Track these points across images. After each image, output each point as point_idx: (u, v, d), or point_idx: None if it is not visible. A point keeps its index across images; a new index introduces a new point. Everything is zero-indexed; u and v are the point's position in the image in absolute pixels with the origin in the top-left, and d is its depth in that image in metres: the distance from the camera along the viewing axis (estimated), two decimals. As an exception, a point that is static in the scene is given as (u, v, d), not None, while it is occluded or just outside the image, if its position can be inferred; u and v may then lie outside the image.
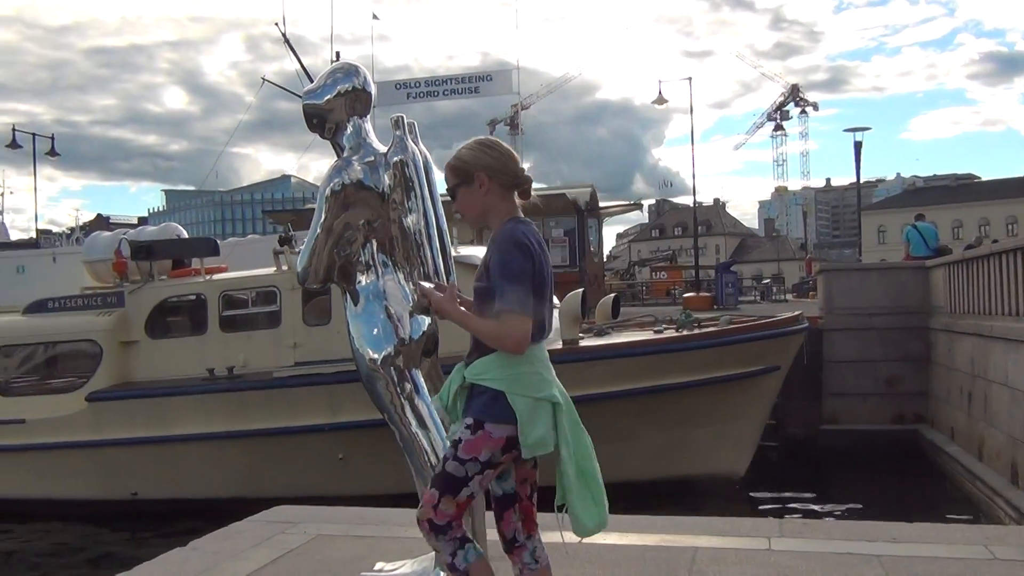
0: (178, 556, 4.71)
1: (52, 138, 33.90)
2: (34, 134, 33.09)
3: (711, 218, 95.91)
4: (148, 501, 10.29)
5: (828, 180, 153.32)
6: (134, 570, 4.50)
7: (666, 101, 30.60)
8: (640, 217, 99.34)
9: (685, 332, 10.53)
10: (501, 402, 2.68)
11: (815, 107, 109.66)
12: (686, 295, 26.97)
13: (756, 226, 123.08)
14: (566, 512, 2.88)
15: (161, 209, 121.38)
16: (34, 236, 35.58)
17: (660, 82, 30.13)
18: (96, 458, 10.46)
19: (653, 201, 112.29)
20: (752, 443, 10.49)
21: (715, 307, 22.99)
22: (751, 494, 10.70)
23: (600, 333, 10.98)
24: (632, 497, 8.61)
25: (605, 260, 34.42)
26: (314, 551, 4.65)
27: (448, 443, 2.85)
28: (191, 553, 4.76)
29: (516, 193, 2.80)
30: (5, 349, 11.17)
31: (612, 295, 12.68)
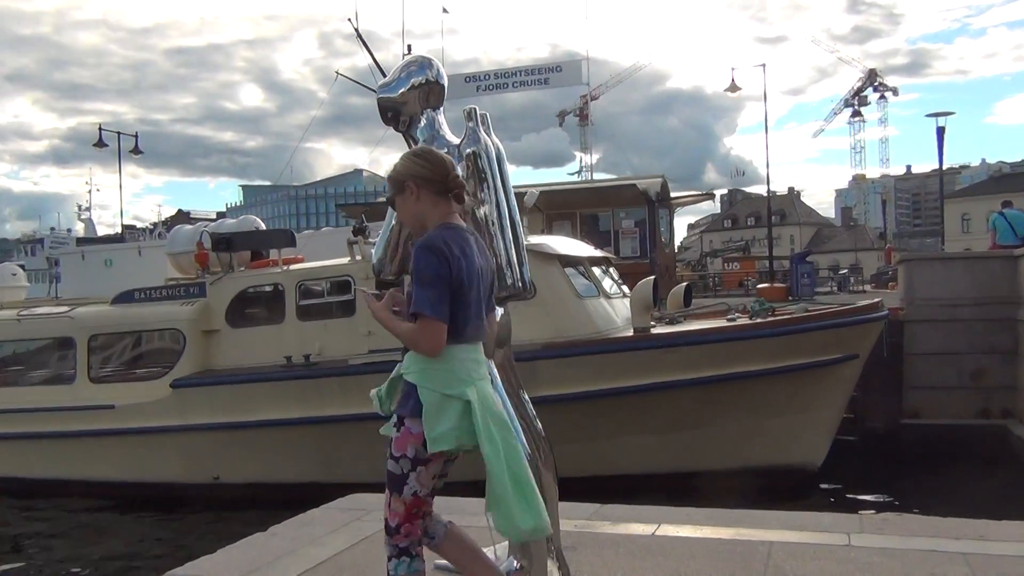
0: (258, 541, 4.84)
1: (136, 136, 35.04)
2: (119, 133, 34.21)
3: (785, 207, 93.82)
4: (229, 485, 10.59)
5: (908, 167, 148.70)
6: (217, 553, 4.65)
7: (739, 89, 29.98)
8: (712, 207, 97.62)
9: (759, 320, 10.38)
10: (414, 397, 2.79)
11: (895, 92, 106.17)
12: (760, 286, 26.46)
13: (832, 215, 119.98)
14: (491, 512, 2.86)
15: (238, 204, 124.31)
16: (120, 231, 36.90)
17: (733, 69, 29.55)
18: (180, 443, 10.81)
19: (725, 191, 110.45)
20: (829, 433, 10.27)
21: (790, 298, 22.53)
22: (828, 488, 10.47)
23: (672, 321, 10.90)
24: (706, 488, 8.55)
25: (676, 251, 34.01)
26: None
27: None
28: (270, 538, 4.89)
29: (452, 198, 2.90)
30: (95, 338, 11.60)
31: (684, 284, 12.57)
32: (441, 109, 3.90)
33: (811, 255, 38.82)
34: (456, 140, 3.74)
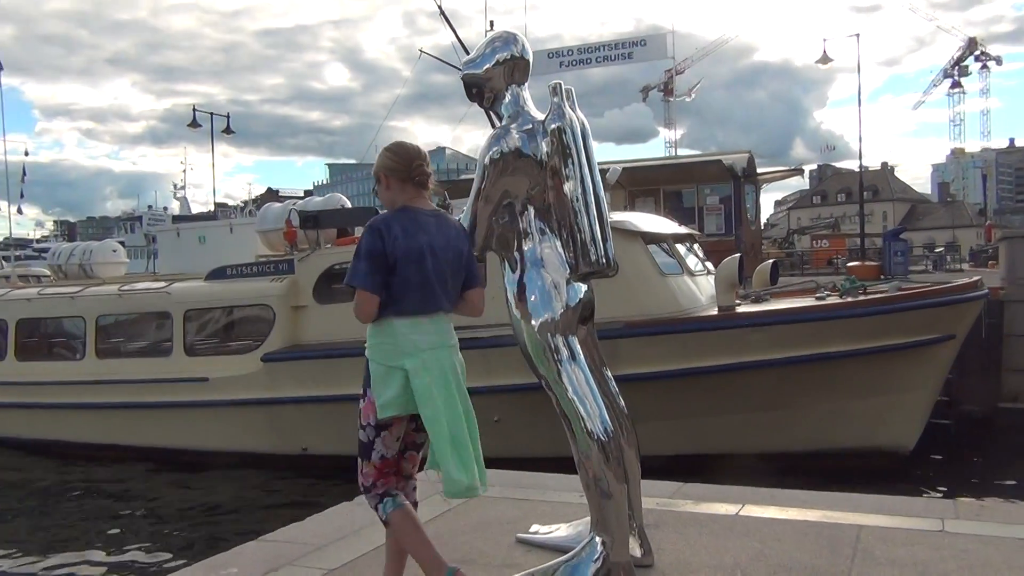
0: (344, 510, 4.96)
1: (227, 117, 35.99)
2: (211, 113, 35.19)
3: (878, 183, 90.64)
4: (317, 456, 10.88)
5: (1011, 140, 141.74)
6: (305, 521, 4.79)
7: (831, 60, 29.00)
8: (800, 183, 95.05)
9: (849, 299, 10.07)
10: (368, 370, 3.24)
11: (998, 61, 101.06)
12: (850, 264, 25.74)
13: (929, 191, 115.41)
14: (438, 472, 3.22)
15: (325, 182, 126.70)
16: (212, 209, 38.06)
17: (824, 40, 28.59)
18: (270, 415, 11.16)
19: (815, 166, 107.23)
20: (922, 417, 9.94)
21: (882, 277, 21.83)
22: (921, 473, 10.15)
23: (758, 300, 10.68)
24: (792, 469, 8.41)
25: (762, 228, 33.27)
26: (472, 511, 4.78)
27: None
28: (356, 508, 5.00)
29: (415, 184, 3.31)
30: (190, 313, 12.03)
31: (770, 261, 12.30)
32: (526, 85, 3.88)
33: (905, 232, 37.48)
34: (540, 116, 3.72)
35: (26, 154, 66.39)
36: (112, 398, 12.05)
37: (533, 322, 3.56)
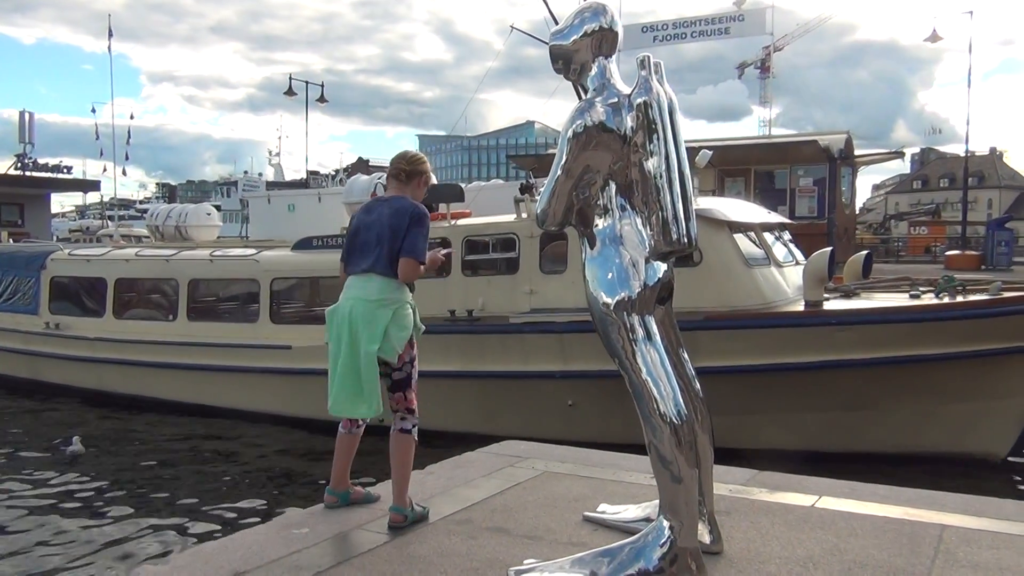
0: (416, 478, 4.99)
1: (322, 86, 36.65)
2: (307, 82, 35.89)
3: (984, 169, 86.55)
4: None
5: None
6: (377, 486, 4.87)
7: (940, 39, 27.75)
8: (901, 167, 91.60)
9: (946, 299, 9.59)
10: None
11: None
12: (949, 253, 24.73)
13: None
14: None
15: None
16: (305, 176, 38.92)
17: (934, 17, 27.36)
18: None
19: (917, 149, 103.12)
20: (1018, 423, 9.44)
21: (983, 268, 20.91)
22: (1015, 479, 9.70)
23: (848, 295, 10.29)
24: (875, 467, 8.13)
25: (857, 212, 32.19)
26: (540, 486, 4.78)
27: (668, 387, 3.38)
28: (427, 476, 5.07)
29: (393, 178, 4.50)
30: (276, 282, 12.32)
31: (864, 252, 11.81)
32: (614, 57, 3.79)
33: (1011, 221, 35.74)
34: (627, 89, 3.63)
35: (132, 118, 69.04)
36: (201, 360, 12.46)
37: (609, 300, 3.49)
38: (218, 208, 24.96)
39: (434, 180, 13.69)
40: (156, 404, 12.88)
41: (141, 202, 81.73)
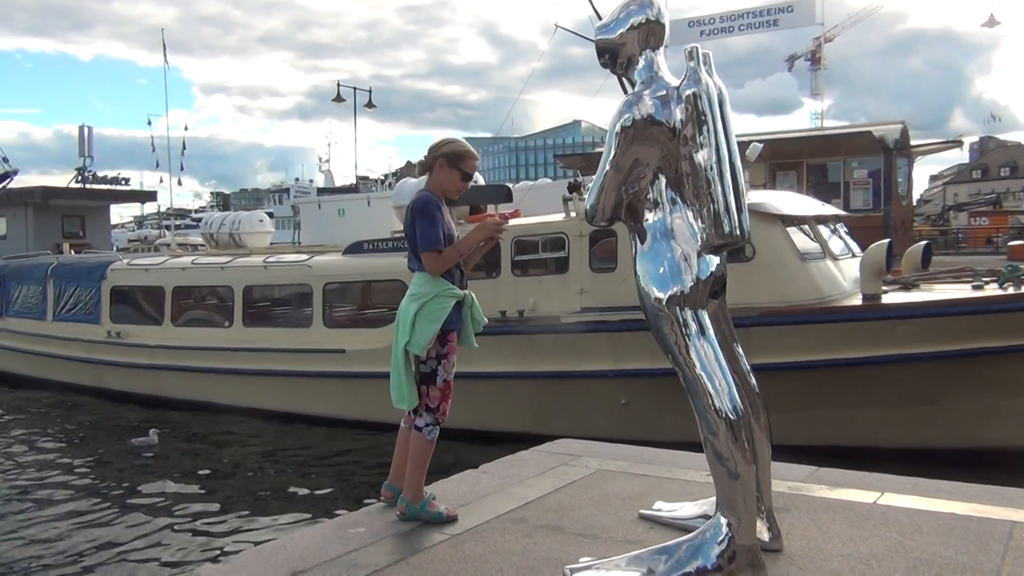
0: (470, 477, 5.03)
1: (370, 92, 36.91)
2: (355, 88, 36.17)
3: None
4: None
5: None
6: (432, 486, 4.87)
7: (998, 23, 27.02)
8: (959, 156, 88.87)
9: (1011, 289, 9.30)
10: None
11: None
12: (1012, 243, 24.01)
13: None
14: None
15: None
16: (354, 181, 39.34)
17: (992, 2, 26.63)
18: (402, 388, 11.43)
19: (976, 138, 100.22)
20: None
21: (1048, 258, 20.26)
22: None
23: (907, 287, 10.05)
24: (939, 462, 7.93)
25: (915, 204, 31.47)
26: (595, 484, 4.75)
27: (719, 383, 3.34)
28: (481, 476, 5.07)
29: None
30: (329, 286, 12.46)
31: (923, 243, 11.54)
32: (661, 50, 3.75)
33: (1076, 210, 34.62)
34: (675, 82, 3.59)
35: (186, 129, 70.59)
36: (257, 365, 12.66)
37: (661, 295, 3.45)
38: (271, 215, 25.36)
39: (480, 180, 13.94)
40: (214, 408, 13.12)
41: (196, 211, 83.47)
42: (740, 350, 3.71)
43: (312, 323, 12.41)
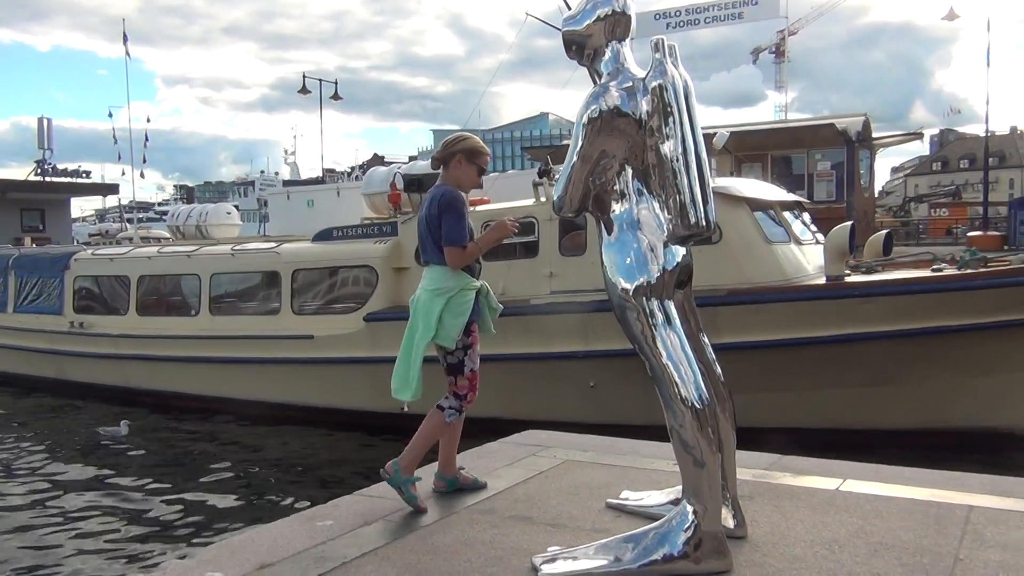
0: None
1: (335, 83, 36.71)
2: (320, 80, 35.93)
3: (1005, 148, 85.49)
4: (416, 416, 11.07)
5: None
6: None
7: (957, 16, 27.43)
8: (919, 148, 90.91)
9: (969, 271, 9.55)
10: None
11: None
12: (971, 234, 24.48)
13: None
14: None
15: (429, 148, 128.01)
16: (321, 174, 39.04)
17: (951, -4, 26.99)
18: (371, 373, 11.40)
19: (936, 131, 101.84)
20: None
21: (1006, 248, 20.70)
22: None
23: (869, 270, 10.26)
24: (900, 446, 8.08)
25: (876, 196, 31.90)
26: (563, 475, 4.78)
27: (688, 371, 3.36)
28: (452, 466, 5.06)
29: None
30: (297, 273, 12.39)
31: (884, 231, 11.78)
32: (627, 41, 3.77)
33: (1034, 201, 35.34)
34: (641, 73, 3.61)
35: (148, 121, 69.35)
36: (224, 353, 12.57)
37: (628, 285, 3.48)
38: (236, 207, 25.10)
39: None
40: (181, 399, 13.01)
41: (160, 204, 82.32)
42: (706, 339, 3.75)
43: (280, 310, 12.34)
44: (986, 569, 3.31)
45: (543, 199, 10.45)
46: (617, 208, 3.56)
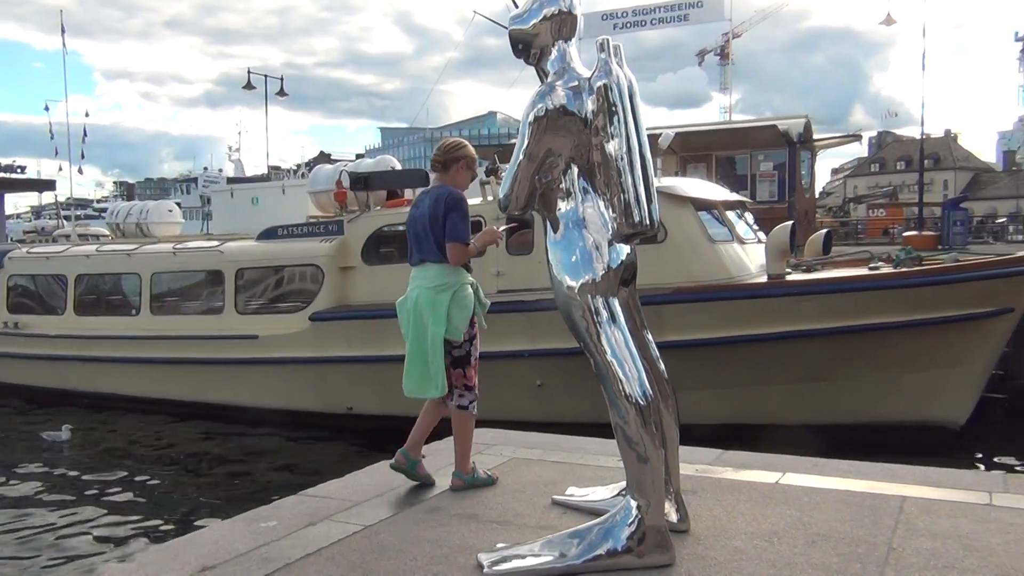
0: (385, 468, 5.00)
1: (281, 80, 36.21)
2: (266, 76, 35.41)
3: (940, 151, 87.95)
4: (361, 416, 11.01)
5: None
6: (346, 477, 4.86)
7: (894, 22, 28.14)
8: (858, 150, 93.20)
9: (904, 269, 9.85)
10: None
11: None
12: (907, 234, 25.13)
13: (994, 160, 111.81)
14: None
15: (376, 146, 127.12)
16: (266, 171, 38.50)
17: (888, 1, 27.71)
18: (317, 373, 11.32)
19: (874, 133, 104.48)
20: (975, 391, 9.71)
21: (940, 247, 21.30)
22: (971, 447, 9.94)
23: (809, 269, 10.50)
24: (838, 440, 8.29)
25: (817, 196, 32.56)
26: (509, 473, 4.80)
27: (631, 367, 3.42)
28: (397, 466, 5.05)
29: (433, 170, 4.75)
30: (241, 272, 12.21)
31: (824, 230, 12.06)
32: (573, 41, 3.80)
33: (966, 201, 36.43)
34: (587, 73, 3.64)
35: (87, 116, 67.74)
36: (165, 353, 12.34)
37: (573, 283, 3.51)
38: (179, 205, 24.62)
39: (398, 166, 13.85)
40: (121, 400, 12.73)
41: (98, 201, 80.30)
42: (650, 337, 3.80)
43: (224, 310, 12.15)
44: (917, 557, 3.41)
45: (490, 198, 10.46)
46: (563, 206, 3.59)
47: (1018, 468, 9.38)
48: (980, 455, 9.80)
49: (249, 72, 33.77)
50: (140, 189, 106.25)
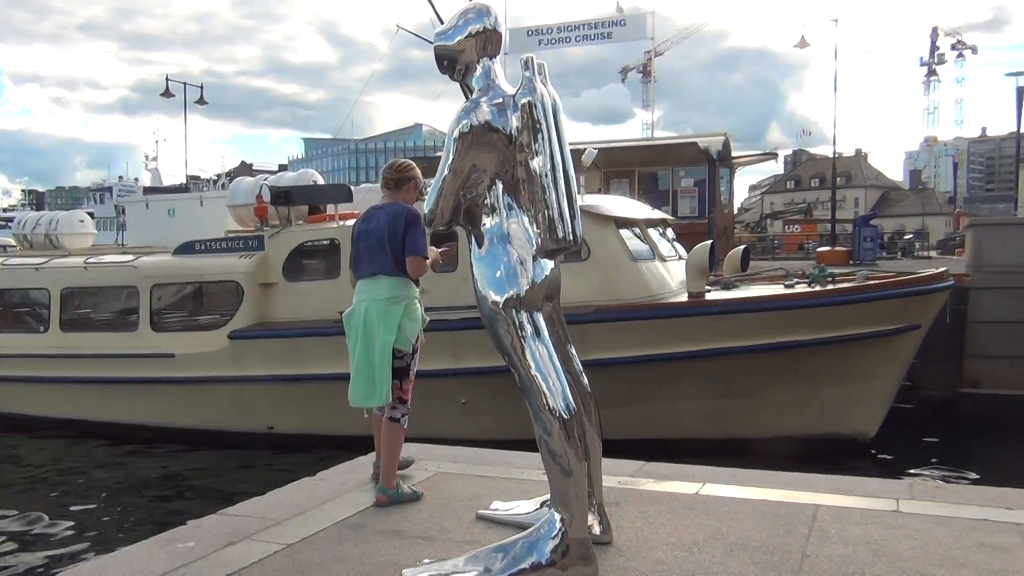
0: (307, 485, 4.95)
1: (201, 88, 35.52)
2: (185, 83, 34.69)
3: (851, 169, 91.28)
4: (283, 435, 10.82)
5: (983, 130, 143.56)
6: (267, 495, 4.77)
7: (808, 45, 29.15)
8: (775, 168, 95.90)
9: (818, 287, 10.18)
10: None
11: (973, 51, 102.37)
12: (820, 249, 26.00)
13: (901, 178, 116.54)
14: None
15: (300, 157, 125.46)
16: (184, 181, 37.61)
17: (803, 24, 28.75)
18: (236, 393, 11.07)
19: (789, 151, 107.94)
20: (885, 404, 10.10)
21: (851, 263, 22.08)
22: (881, 456, 10.32)
23: (728, 286, 10.75)
24: (755, 453, 8.51)
25: (736, 212, 33.43)
26: (434, 487, 4.79)
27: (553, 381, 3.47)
28: (319, 483, 5.00)
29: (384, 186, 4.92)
30: (157, 288, 11.87)
31: (742, 247, 12.39)
32: (497, 59, 3.84)
33: (876, 218, 37.89)
34: (511, 90, 3.68)
35: (-7, 121, 64.83)
36: (76, 372, 11.91)
37: (498, 297, 3.53)
38: (91, 215, 23.84)
39: (320, 180, 13.69)
40: (28, 421, 12.23)
41: (5, 210, 77.10)
42: (573, 351, 3.85)
43: (138, 327, 11.79)
44: (830, 564, 3.53)
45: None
46: (488, 222, 3.61)
47: (924, 475, 9.77)
48: (889, 463, 10.16)
49: (167, 79, 33.07)
50: (51, 198, 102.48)
